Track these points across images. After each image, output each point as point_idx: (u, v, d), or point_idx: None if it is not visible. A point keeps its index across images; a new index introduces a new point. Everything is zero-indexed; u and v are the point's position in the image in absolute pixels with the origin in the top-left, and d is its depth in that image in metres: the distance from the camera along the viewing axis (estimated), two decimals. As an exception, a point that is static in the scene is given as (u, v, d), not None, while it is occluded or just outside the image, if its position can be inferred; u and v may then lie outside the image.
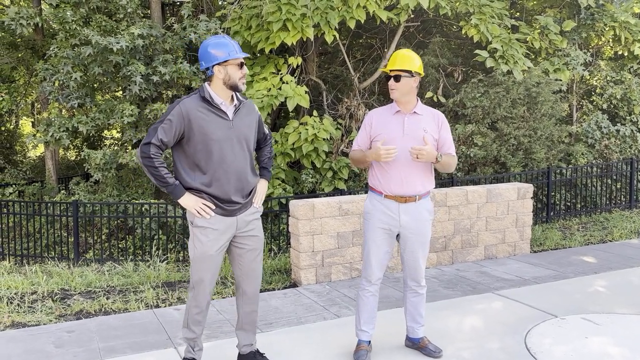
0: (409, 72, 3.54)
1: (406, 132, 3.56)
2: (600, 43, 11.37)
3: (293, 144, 8.26)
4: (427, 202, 3.68)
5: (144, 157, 3.17)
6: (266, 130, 3.62)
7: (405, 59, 3.56)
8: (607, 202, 9.54)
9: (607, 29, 10.42)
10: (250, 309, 3.52)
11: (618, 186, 9.71)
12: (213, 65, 3.22)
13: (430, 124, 3.62)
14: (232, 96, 3.33)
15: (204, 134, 3.19)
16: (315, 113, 8.68)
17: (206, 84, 3.31)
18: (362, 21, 8.26)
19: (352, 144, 8.64)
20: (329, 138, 8.48)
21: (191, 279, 3.37)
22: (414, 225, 3.61)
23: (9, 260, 8.05)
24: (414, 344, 3.85)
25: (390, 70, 3.56)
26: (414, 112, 3.61)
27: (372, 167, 3.68)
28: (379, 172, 3.62)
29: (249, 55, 3.34)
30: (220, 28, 8.54)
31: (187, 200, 3.23)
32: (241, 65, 3.25)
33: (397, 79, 3.53)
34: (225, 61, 3.21)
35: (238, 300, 3.54)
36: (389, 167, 3.57)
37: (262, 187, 3.49)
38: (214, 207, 3.25)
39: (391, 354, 3.83)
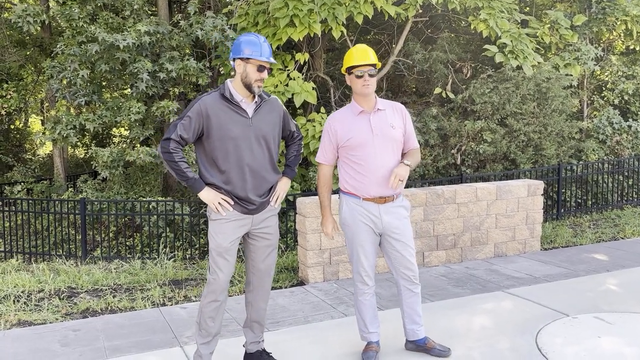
0: (375, 65, 3.47)
1: (375, 132, 3.47)
2: (611, 37, 11.22)
3: (300, 140, 8.20)
4: (404, 200, 3.63)
5: (164, 152, 3.23)
6: (293, 127, 3.58)
7: (373, 54, 3.49)
8: (619, 199, 9.41)
9: (618, 23, 10.28)
10: (259, 306, 3.49)
11: (630, 183, 9.58)
12: (235, 59, 3.26)
13: (395, 119, 3.54)
14: (254, 93, 3.32)
15: (222, 131, 3.21)
16: (322, 110, 8.62)
17: (228, 80, 3.32)
18: (370, 16, 8.18)
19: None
20: (336, 135, 8.41)
21: (208, 272, 3.38)
22: (396, 224, 3.53)
23: (17, 258, 8.07)
24: (418, 346, 3.74)
25: (360, 66, 3.42)
26: (377, 108, 3.52)
27: (345, 171, 3.56)
28: (355, 176, 3.51)
29: (274, 62, 3.30)
30: (227, 24, 8.49)
31: (207, 195, 3.26)
32: (262, 68, 3.22)
33: (372, 74, 3.44)
34: (248, 58, 3.22)
35: (248, 296, 3.51)
36: (366, 170, 3.47)
37: (283, 186, 3.46)
38: (232, 203, 3.27)
39: (399, 354, 3.77)
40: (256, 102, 3.32)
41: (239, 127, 3.23)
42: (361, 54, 3.46)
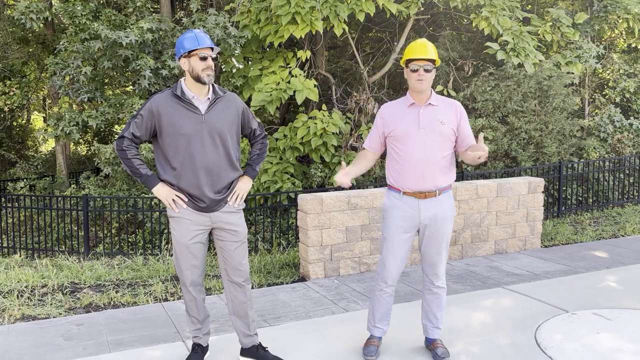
0: (434, 62, 3.41)
1: (422, 126, 3.41)
2: (613, 35, 11.22)
3: (302, 138, 8.24)
4: (449, 197, 3.52)
5: (118, 150, 3.30)
6: (255, 125, 3.56)
7: (433, 49, 3.42)
8: (620, 197, 9.43)
9: (620, 21, 10.28)
10: (238, 300, 3.49)
11: (631, 180, 9.60)
12: (179, 58, 3.30)
13: (447, 115, 3.44)
14: (208, 90, 3.34)
15: (173, 128, 3.24)
16: (324, 107, 8.65)
17: (181, 79, 3.35)
18: (372, 14, 8.20)
19: (361, 138, 8.61)
20: (338, 132, 8.45)
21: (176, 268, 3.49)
22: (434, 221, 3.46)
23: (20, 254, 8.11)
24: (427, 344, 3.74)
25: (418, 60, 3.38)
26: (429, 103, 3.45)
27: (389, 163, 3.54)
28: (397, 168, 3.48)
29: (215, 47, 3.34)
30: (229, 22, 8.51)
31: (160, 191, 3.30)
32: (205, 57, 3.25)
33: (429, 69, 3.38)
34: (190, 53, 3.25)
35: (226, 292, 3.53)
36: (406, 163, 3.43)
37: (243, 185, 3.44)
38: (186, 200, 3.30)
39: (401, 350, 3.80)
40: (209, 98, 3.32)
41: (190, 123, 3.24)
42: (419, 48, 3.41)
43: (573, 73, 9.65)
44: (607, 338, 3.88)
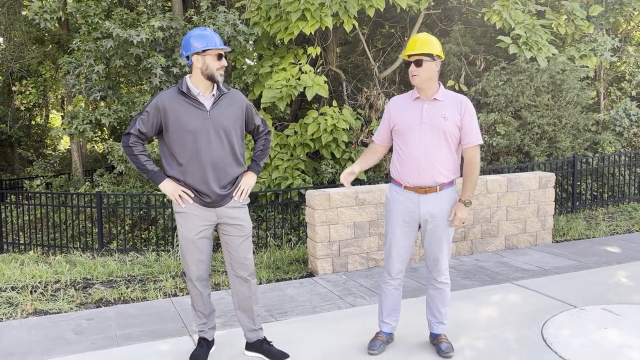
0: (431, 55, 3.34)
1: (424, 120, 3.38)
2: (628, 28, 11.04)
3: (312, 134, 8.25)
4: (450, 193, 3.48)
5: (124, 147, 3.35)
6: (258, 122, 3.59)
7: (425, 43, 3.36)
8: (636, 192, 9.29)
9: (636, 13, 10.12)
10: (243, 294, 3.53)
11: (647, 175, 9.45)
12: (192, 55, 3.30)
13: (451, 111, 3.38)
14: (212, 87, 3.37)
15: (179, 125, 3.28)
16: (334, 103, 8.64)
17: (187, 76, 3.39)
18: (382, 9, 8.17)
19: (371, 134, 8.60)
20: (348, 128, 8.44)
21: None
22: (435, 217, 3.44)
23: (35, 251, 8.25)
24: (432, 339, 3.73)
25: (410, 55, 3.37)
26: (434, 98, 3.39)
27: (394, 157, 3.54)
28: (399, 162, 3.48)
29: (228, 49, 3.30)
30: (239, 19, 8.55)
31: (166, 187, 3.35)
32: (220, 56, 3.29)
33: (419, 63, 3.33)
34: (204, 51, 3.27)
35: (231, 287, 3.56)
36: (408, 157, 3.42)
37: (247, 181, 3.48)
38: (193, 196, 3.34)
39: (404, 345, 3.80)
40: (214, 95, 3.35)
41: (196, 120, 3.28)
42: (409, 45, 3.41)
43: (587, 66, 9.52)
44: (615, 333, 3.84)
